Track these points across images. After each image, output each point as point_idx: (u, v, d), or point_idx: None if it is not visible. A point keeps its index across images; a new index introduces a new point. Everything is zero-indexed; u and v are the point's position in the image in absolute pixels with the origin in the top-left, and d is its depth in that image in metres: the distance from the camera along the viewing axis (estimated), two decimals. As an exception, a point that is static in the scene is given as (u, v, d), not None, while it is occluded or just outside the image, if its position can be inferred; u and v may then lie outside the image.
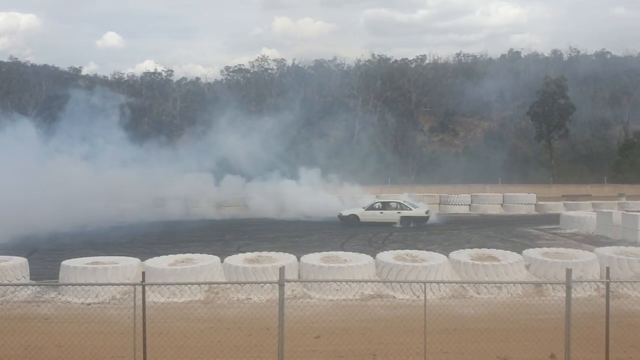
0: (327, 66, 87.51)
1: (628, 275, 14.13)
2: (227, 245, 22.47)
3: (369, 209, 29.65)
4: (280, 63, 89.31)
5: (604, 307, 8.00)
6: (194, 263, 14.53)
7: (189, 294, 12.98)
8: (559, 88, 57.33)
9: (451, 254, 15.50)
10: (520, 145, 69.39)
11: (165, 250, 18.22)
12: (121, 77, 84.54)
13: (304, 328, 10.28)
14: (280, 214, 34.14)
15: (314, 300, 12.72)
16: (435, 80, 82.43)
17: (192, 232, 27.42)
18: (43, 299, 13.23)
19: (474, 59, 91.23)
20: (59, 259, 15.00)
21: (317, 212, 33.12)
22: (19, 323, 10.23)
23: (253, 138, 41.58)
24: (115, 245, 22.21)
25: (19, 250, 18.28)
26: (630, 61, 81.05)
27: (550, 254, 15.51)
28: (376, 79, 79.49)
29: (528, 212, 37.09)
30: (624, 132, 67.66)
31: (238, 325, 10.96)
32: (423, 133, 75.26)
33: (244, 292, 13.36)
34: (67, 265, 14.20)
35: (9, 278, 13.95)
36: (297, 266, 14.68)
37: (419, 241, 23.02)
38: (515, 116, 73.60)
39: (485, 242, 22.33)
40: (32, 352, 9.34)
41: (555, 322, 9.61)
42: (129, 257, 15.38)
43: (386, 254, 15.49)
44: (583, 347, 8.47)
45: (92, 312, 12.09)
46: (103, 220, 27.99)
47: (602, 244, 19.08)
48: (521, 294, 13.34)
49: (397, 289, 13.57)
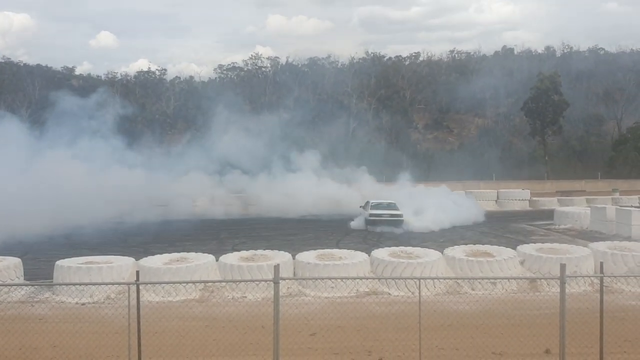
0: (321, 64, 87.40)
1: (622, 270, 14.21)
2: (222, 244, 22.44)
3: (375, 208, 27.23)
4: (274, 61, 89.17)
5: (598, 302, 8.04)
6: (188, 262, 14.51)
7: (184, 293, 12.97)
8: (553, 84, 57.50)
9: (446, 250, 15.56)
10: (515, 141, 69.56)
11: (160, 250, 18.16)
12: (115, 77, 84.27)
13: (299, 326, 10.28)
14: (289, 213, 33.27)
15: (309, 298, 12.73)
16: (430, 77, 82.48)
17: (189, 230, 27.22)
18: (37, 299, 13.19)
19: (467, 56, 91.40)
20: (53, 259, 14.94)
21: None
22: (13, 323, 10.19)
23: (247, 137, 41.50)
24: (110, 244, 22.12)
25: (12, 250, 18.17)
26: (623, 57, 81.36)
27: (545, 249, 15.58)
28: (370, 76, 79.52)
29: (522, 208, 37.24)
30: (618, 128, 67.89)
31: (233, 324, 10.95)
32: (417, 130, 75.33)
33: (239, 291, 13.36)
34: (61, 265, 14.15)
35: (3, 278, 13.89)
36: (293, 264, 14.70)
37: (413, 238, 23.04)
38: (509, 113, 73.75)
39: (479, 238, 22.40)
40: (26, 352, 9.30)
41: (549, 317, 9.64)
42: (124, 257, 15.33)
43: (381, 251, 15.52)
44: (577, 341, 8.50)
45: (86, 312, 12.06)
46: (99, 220, 27.69)
47: (596, 239, 19.15)
48: (516, 290, 13.38)
49: (392, 285, 13.59)
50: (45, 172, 27.89)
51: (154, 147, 40.26)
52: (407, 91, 79.39)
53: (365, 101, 74.87)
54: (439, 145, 72.04)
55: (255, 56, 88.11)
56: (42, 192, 26.34)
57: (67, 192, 27.16)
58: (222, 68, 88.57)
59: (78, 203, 27.11)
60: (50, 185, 27.03)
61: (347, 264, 14.18)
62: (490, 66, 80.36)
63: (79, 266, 14.09)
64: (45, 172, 27.89)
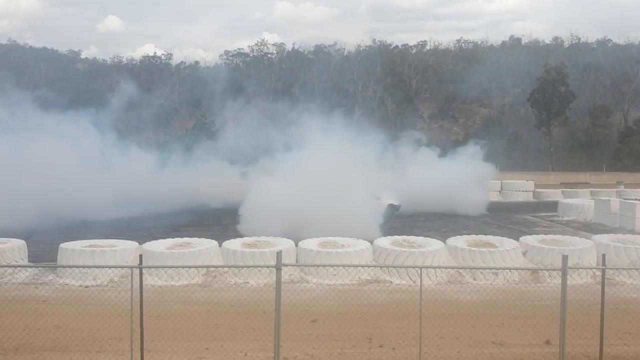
0: (327, 51, 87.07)
1: (624, 262, 14.19)
2: (225, 229, 22.45)
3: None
4: (280, 48, 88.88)
5: (599, 294, 8.03)
6: (192, 247, 14.59)
7: (186, 278, 13.03)
8: (560, 75, 57.18)
9: (448, 240, 15.56)
10: (520, 132, 69.32)
11: (163, 234, 18.22)
12: (120, 61, 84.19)
13: (301, 312, 10.32)
14: None
15: (311, 285, 12.76)
16: (436, 66, 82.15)
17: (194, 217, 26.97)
18: (41, 281, 13.28)
19: (474, 45, 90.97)
20: (57, 242, 15.01)
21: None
22: (17, 305, 10.25)
23: (251, 122, 41.32)
24: (114, 228, 22.15)
25: (17, 232, 18.23)
26: (631, 49, 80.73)
27: (547, 240, 15.57)
28: (376, 64, 79.15)
29: (526, 199, 37.10)
30: (624, 120, 67.54)
31: (235, 309, 11.02)
32: (422, 119, 75.14)
33: (242, 276, 13.42)
34: (65, 247, 14.22)
35: (8, 260, 13.99)
36: (295, 251, 14.74)
37: (416, 227, 23.03)
38: (515, 103, 73.48)
39: (482, 228, 22.37)
40: (30, 333, 9.38)
41: (551, 308, 9.65)
42: (127, 241, 15.39)
43: (383, 239, 15.54)
44: (578, 333, 8.52)
45: (90, 295, 12.16)
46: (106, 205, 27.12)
47: (600, 232, 19.12)
48: (517, 280, 13.39)
49: (393, 274, 13.63)
50: (51, 155, 27.38)
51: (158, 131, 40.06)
52: (413, 80, 79.12)
53: (371, 89, 74.64)
54: (444, 134, 71.86)
55: (261, 42, 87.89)
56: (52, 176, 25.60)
57: (72, 177, 26.63)
58: (227, 54, 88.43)
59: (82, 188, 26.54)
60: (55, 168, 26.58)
61: (350, 251, 14.21)
62: (497, 56, 79.95)
63: (83, 249, 14.17)
64: (51, 155, 27.38)
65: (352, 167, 20.55)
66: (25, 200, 22.52)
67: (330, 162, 20.22)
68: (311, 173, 20.07)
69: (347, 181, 19.76)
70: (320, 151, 21.16)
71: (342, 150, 21.30)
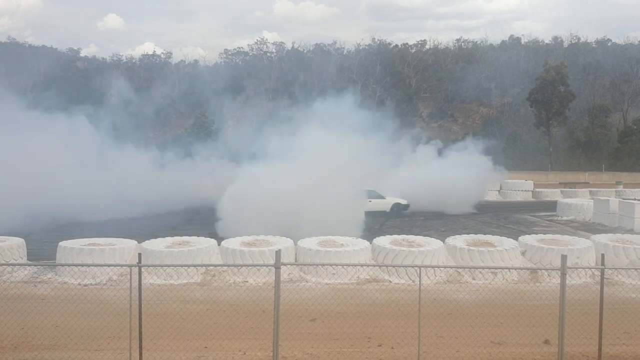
0: (326, 50, 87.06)
1: (623, 262, 14.20)
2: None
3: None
4: (279, 46, 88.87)
5: (598, 293, 8.04)
6: (190, 245, 14.57)
7: (185, 277, 13.03)
8: (559, 75, 57.13)
9: (447, 239, 15.56)
10: (519, 132, 69.31)
11: (163, 233, 18.21)
12: (120, 59, 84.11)
13: (299, 311, 10.32)
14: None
15: (310, 284, 12.76)
16: (435, 65, 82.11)
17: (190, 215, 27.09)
18: (40, 280, 13.28)
19: (474, 44, 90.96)
20: (56, 240, 15.00)
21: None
22: (16, 303, 10.25)
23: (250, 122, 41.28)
24: (113, 227, 22.12)
25: (16, 230, 18.21)
26: (631, 49, 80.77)
27: (546, 240, 15.57)
28: (376, 63, 79.12)
29: (525, 198, 37.14)
30: (624, 120, 67.53)
31: (234, 308, 11.01)
32: (422, 119, 75.10)
33: (241, 275, 13.42)
34: (64, 246, 14.22)
35: (6, 258, 13.99)
36: (294, 250, 14.74)
37: (415, 227, 23.05)
38: (514, 103, 73.46)
39: (481, 228, 22.40)
40: (29, 331, 9.38)
41: (549, 308, 9.66)
42: (126, 239, 15.38)
43: (382, 238, 15.53)
44: (577, 332, 8.53)
45: (89, 293, 12.15)
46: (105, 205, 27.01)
47: (599, 232, 19.15)
48: (516, 280, 13.40)
49: (392, 273, 13.64)
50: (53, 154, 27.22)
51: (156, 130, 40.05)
52: (413, 79, 79.08)
53: (370, 88, 74.60)
54: (443, 134, 71.80)
55: (260, 41, 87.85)
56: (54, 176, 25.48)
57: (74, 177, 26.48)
58: (227, 52, 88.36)
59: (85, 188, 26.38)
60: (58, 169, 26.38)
61: (349, 251, 14.21)
62: (496, 56, 79.92)
63: (82, 247, 14.15)
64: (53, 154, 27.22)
65: (337, 162, 19.71)
66: (24, 199, 22.49)
67: (307, 159, 19.85)
68: (287, 171, 19.72)
69: (322, 178, 19.09)
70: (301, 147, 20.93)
71: (334, 142, 20.74)
